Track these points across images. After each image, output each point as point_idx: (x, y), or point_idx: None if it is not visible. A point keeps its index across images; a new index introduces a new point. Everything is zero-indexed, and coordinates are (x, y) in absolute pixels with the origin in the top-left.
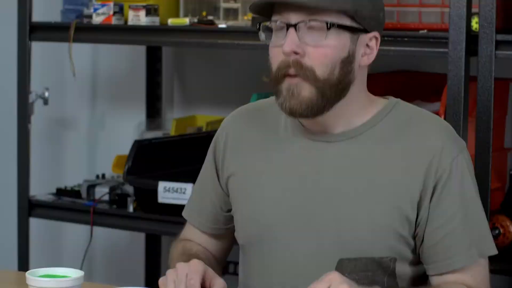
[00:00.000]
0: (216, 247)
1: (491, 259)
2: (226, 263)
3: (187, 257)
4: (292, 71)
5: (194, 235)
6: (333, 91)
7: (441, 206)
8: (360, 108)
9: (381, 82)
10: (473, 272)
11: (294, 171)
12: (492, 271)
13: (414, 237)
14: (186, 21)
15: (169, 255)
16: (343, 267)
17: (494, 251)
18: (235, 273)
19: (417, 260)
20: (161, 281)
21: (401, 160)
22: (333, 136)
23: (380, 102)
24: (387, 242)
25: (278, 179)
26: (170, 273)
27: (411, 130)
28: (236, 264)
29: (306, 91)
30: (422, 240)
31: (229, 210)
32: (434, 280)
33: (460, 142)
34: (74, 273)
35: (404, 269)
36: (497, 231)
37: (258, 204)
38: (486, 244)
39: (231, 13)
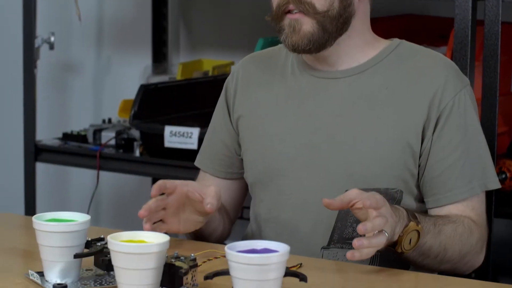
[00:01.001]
0: (227, 195)
1: (497, 202)
2: (238, 216)
3: None
4: (291, 6)
5: (207, 183)
6: (334, 24)
7: (443, 139)
8: (364, 45)
9: (387, 26)
10: (474, 204)
11: (300, 108)
12: (497, 214)
13: (418, 170)
14: None
15: None
16: None
17: (497, 185)
18: (242, 218)
19: (421, 197)
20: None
21: (406, 93)
22: (338, 73)
23: (385, 42)
24: (394, 174)
25: (286, 117)
26: (155, 187)
27: (416, 65)
28: (244, 208)
29: (307, 25)
30: (424, 172)
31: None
32: (434, 213)
33: (463, 78)
34: (80, 217)
35: (410, 204)
36: (503, 175)
37: (266, 142)
38: (489, 177)
39: None
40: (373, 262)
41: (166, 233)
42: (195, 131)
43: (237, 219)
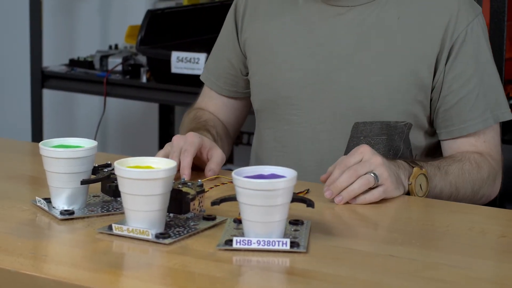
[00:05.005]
0: (231, 113)
1: (504, 129)
2: (239, 133)
3: (196, 124)
4: None
5: (211, 99)
6: None
7: (456, 69)
8: None
9: None
10: (486, 137)
11: (310, 35)
12: (504, 141)
13: (430, 103)
14: None
15: (181, 122)
16: (358, 131)
17: (509, 116)
18: (249, 143)
19: (432, 131)
20: (158, 154)
21: (417, 24)
22: (350, 1)
23: None
24: (403, 107)
25: (295, 44)
26: (166, 146)
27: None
28: (250, 134)
29: None
30: (437, 105)
31: (248, 74)
32: (446, 145)
33: (476, 6)
34: (87, 143)
35: (419, 138)
36: (511, 101)
37: (274, 67)
38: (501, 109)
39: None
40: None
41: None
42: (202, 57)
43: (243, 145)
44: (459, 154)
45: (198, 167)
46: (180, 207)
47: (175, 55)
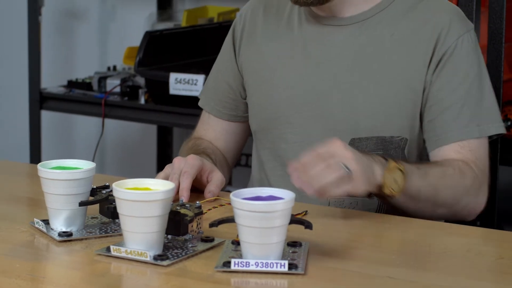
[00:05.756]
0: (231, 138)
1: (502, 150)
2: (237, 160)
3: (194, 151)
4: None
5: (210, 125)
6: None
7: (441, 80)
8: None
9: None
10: (472, 146)
11: (306, 55)
12: (502, 162)
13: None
14: None
15: (179, 151)
16: (355, 146)
17: (500, 130)
18: (247, 165)
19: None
20: (158, 176)
21: (411, 40)
22: (343, 20)
23: None
24: (399, 122)
25: (291, 64)
26: (166, 167)
27: (421, 9)
28: (248, 156)
29: None
30: (424, 116)
31: (247, 97)
32: (433, 156)
33: (467, 22)
34: (85, 165)
35: (415, 153)
36: (509, 123)
37: (271, 88)
38: (491, 122)
39: None
40: (379, 211)
41: None
42: (200, 78)
43: (241, 167)
44: (444, 160)
45: (197, 189)
46: (178, 229)
47: (173, 76)
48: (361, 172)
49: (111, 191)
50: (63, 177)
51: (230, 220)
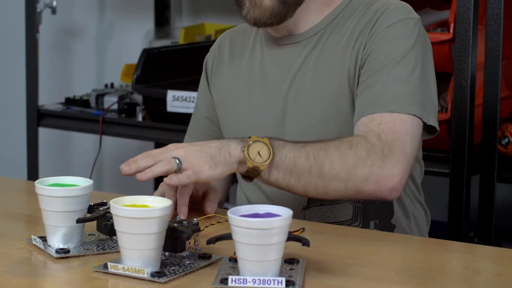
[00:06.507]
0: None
1: (500, 167)
2: (226, 197)
3: None
4: None
5: None
6: None
7: (367, 63)
8: (321, 6)
9: None
10: (383, 121)
11: (265, 78)
12: (499, 179)
13: None
14: None
15: None
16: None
17: (412, 111)
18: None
19: None
20: (155, 194)
21: (355, 41)
22: (297, 37)
23: None
24: (350, 124)
25: (253, 89)
26: (161, 185)
27: (368, 14)
28: None
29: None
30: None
31: None
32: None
33: (411, 13)
34: (83, 182)
35: None
36: (506, 140)
37: (237, 112)
38: (411, 104)
39: None
40: (355, 217)
41: None
42: None
43: (236, 183)
44: (343, 136)
45: (194, 206)
46: (176, 246)
47: (171, 94)
48: (198, 161)
49: (109, 208)
50: (61, 194)
51: (228, 237)
